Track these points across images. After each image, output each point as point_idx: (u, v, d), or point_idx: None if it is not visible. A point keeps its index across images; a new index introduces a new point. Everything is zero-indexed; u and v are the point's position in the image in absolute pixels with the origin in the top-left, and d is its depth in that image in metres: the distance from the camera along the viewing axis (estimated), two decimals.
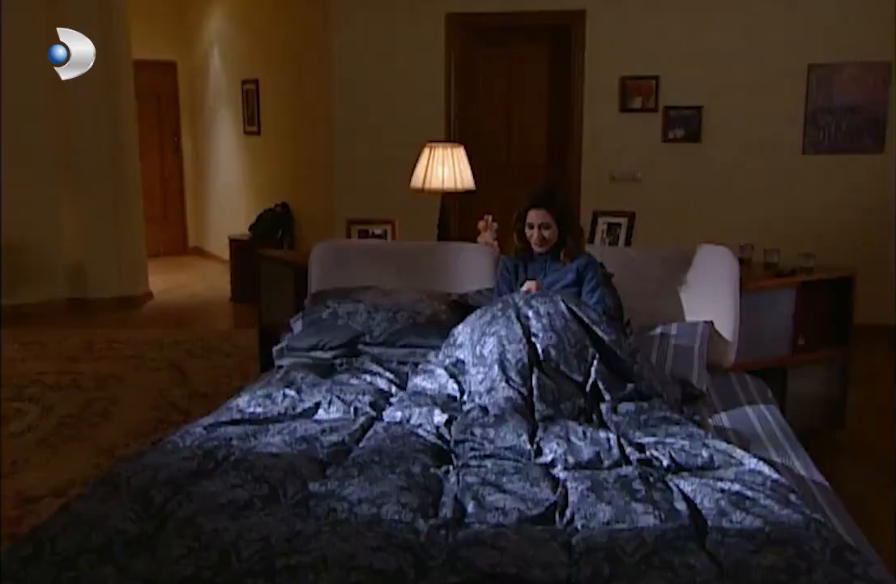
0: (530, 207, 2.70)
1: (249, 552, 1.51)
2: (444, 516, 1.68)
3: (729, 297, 2.91)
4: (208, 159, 8.02)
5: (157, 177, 8.35)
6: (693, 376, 2.63)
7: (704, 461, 1.91)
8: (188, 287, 6.92)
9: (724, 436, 2.27)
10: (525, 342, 2.30)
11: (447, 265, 3.09)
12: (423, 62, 5.20)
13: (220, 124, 7.54)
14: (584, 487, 1.75)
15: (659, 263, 3.02)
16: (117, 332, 5.22)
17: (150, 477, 1.83)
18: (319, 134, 5.69)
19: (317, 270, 3.14)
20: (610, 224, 3.32)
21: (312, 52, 5.66)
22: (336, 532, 1.57)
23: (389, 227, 3.43)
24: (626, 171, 5.18)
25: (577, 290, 2.76)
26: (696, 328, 2.84)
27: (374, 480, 1.79)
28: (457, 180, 3.36)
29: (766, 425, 2.40)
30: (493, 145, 5.48)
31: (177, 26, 7.98)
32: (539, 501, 1.72)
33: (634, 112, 5.09)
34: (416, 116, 5.24)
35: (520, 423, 2.02)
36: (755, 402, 2.61)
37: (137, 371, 4.39)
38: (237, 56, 7.07)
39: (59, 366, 4.45)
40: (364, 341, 2.71)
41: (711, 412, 2.49)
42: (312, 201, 6.07)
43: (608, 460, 1.91)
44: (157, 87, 8.10)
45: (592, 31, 5.00)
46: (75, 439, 3.41)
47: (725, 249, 2.94)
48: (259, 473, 1.82)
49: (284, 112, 6.34)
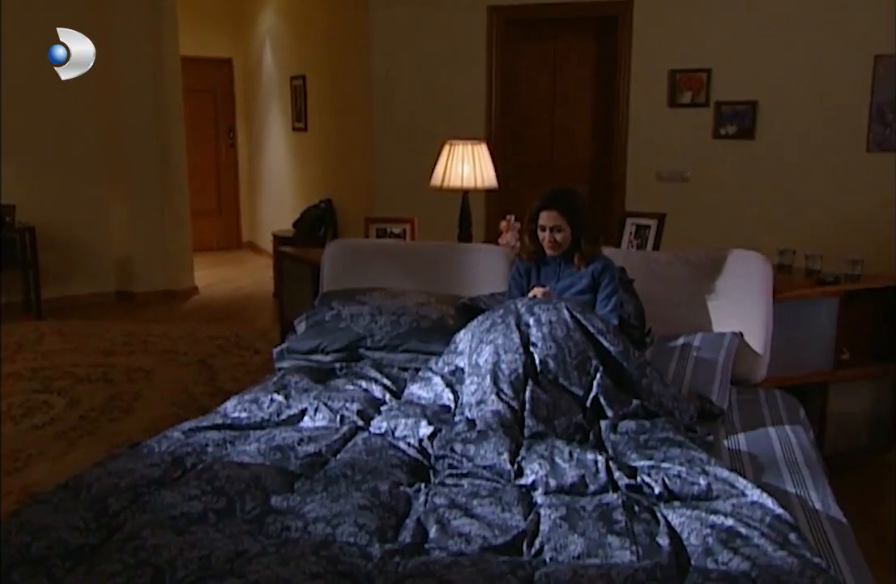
0: (542, 209, 2.56)
1: (185, 571, 1.43)
2: (403, 540, 1.57)
3: (760, 306, 2.69)
4: (261, 155, 8.08)
5: (213, 172, 8.47)
6: (713, 391, 2.44)
7: (701, 490, 1.74)
8: (234, 282, 6.98)
9: (738, 460, 2.08)
10: (522, 352, 2.16)
11: (461, 267, 2.97)
12: (463, 57, 5.07)
13: (272, 120, 7.59)
14: (557, 515, 1.61)
15: (686, 268, 2.82)
16: (155, 326, 5.28)
17: (112, 484, 1.77)
18: (360, 131, 5.62)
19: (329, 270, 3.06)
20: (638, 226, 3.13)
21: (354, 47, 5.60)
22: (279, 554, 1.47)
23: (408, 226, 3.33)
24: (674, 169, 4.94)
25: (591, 296, 2.60)
26: (722, 340, 2.64)
27: (336, 497, 1.69)
28: (477, 178, 3.22)
29: (788, 448, 2.19)
30: (535, 142, 5.31)
31: (233, 24, 8.06)
32: (507, 528, 1.59)
33: (684, 107, 4.83)
34: (456, 112, 5.11)
35: (502, 440, 1.88)
36: (781, 422, 2.39)
37: (167, 366, 4.41)
38: (286, 52, 7.08)
39: (94, 359, 4.51)
40: (365, 345, 2.62)
41: (729, 432, 2.29)
42: (354, 198, 6.02)
43: (594, 485, 1.75)
44: (213, 83, 8.22)
45: (640, 22, 4.77)
46: (93, 434, 3.43)
47: (758, 255, 2.73)
48: (220, 484, 1.74)
49: (328, 108, 6.31)
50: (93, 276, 5.94)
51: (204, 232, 8.29)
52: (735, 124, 4.79)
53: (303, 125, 6.79)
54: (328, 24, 6.16)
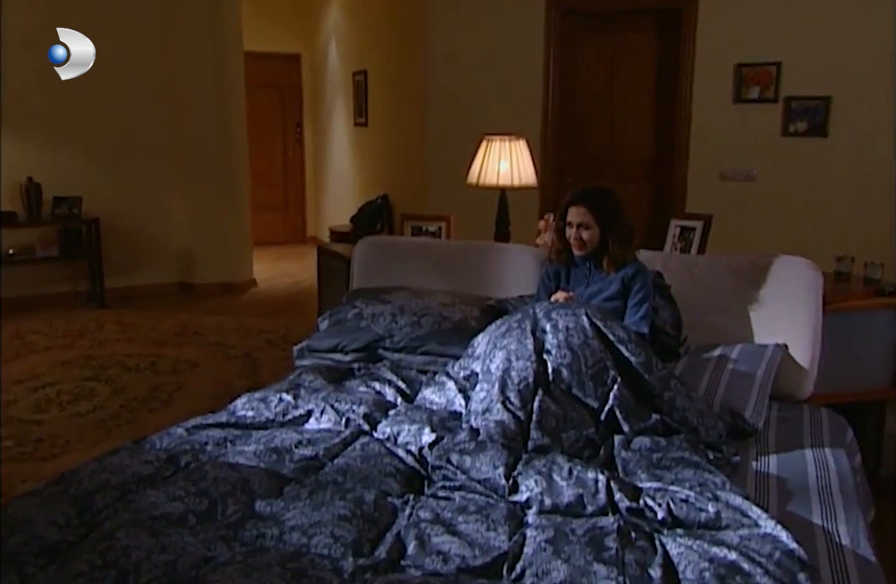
0: (570, 204, 2.45)
1: (149, 576, 1.40)
2: (379, 555, 1.50)
3: (808, 316, 2.50)
4: (325, 150, 8.14)
5: (279, 167, 8.60)
6: (748, 407, 2.26)
7: (708, 518, 1.60)
8: (293, 276, 7.05)
9: (763, 485, 1.92)
10: (534, 359, 2.05)
11: (492, 267, 2.87)
12: (520, 51, 4.94)
13: (336, 116, 7.63)
14: (543, 537, 1.51)
15: (728, 274, 2.65)
16: (209, 318, 5.37)
17: (103, 480, 1.76)
18: (416, 126, 5.57)
19: (359, 267, 3.01)
20: (683, 228, 2.96)
21: (412, 42, 5.54)
22: (246, 564, 1.42)
23: (444, 224, 3.24)
24: (739, 168, 4.69)
25: (621, 303, 2.47)
26: (764, 352, 2.46)
27: (318, 505, 1.64)
28: (514, 176, 3.11)
29: (824, 474, 2.01)
30: (594, 138, 5.15)
31: (301, 20, 8.13)
32: (489, 548, 1.50)
33: (750, 103, 4.59)
34: (512, 108, 4.99)
35: (500, 453, 1.78)
36: (821, 444, 2.20)
37: (213, 358, 4.47)
38: (349, 47, 7.09)
39: (145, 349, 4.61)
40: (384, 345, 2.55)
41: (761, 453, 2.12)
42: (409, 195, 5.97)
43: (592, 506, 1.64)
44: (281, 78, 8.33)
45: (705, 13, 4.55)
46: (130, 423, 3.49)
47: (806, 262, 2.53)
48: (206, 486, 1.70)
49: (388, 104, 6.28)
50: (155, 267, 6.10)
51: (270, 226, 8.42)
52: (806, 121, 4.51)
53: (364, 121, 6.79)
54: (389, 18, 6.13)
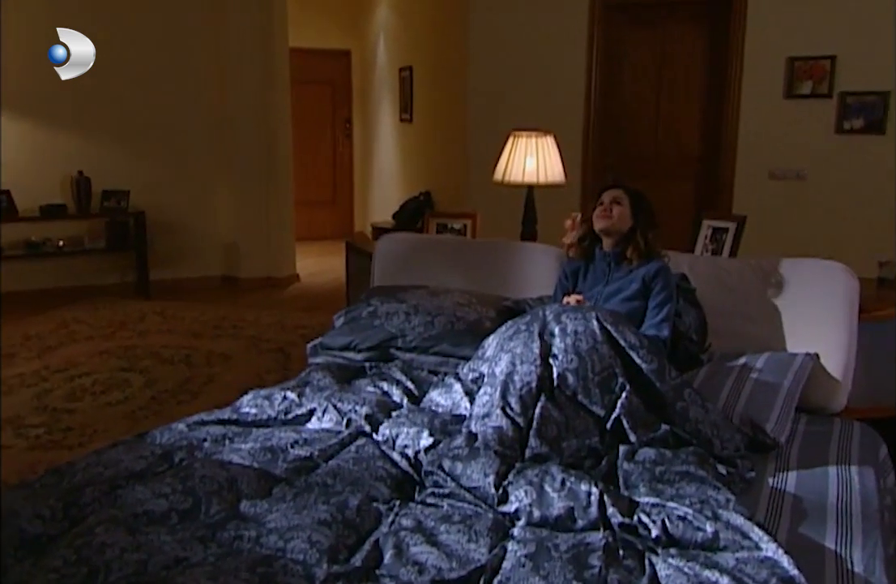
0: (605, 188, 2.45)
1: (118, 575, 1.39)
2: (354, 562, 1.46)
3: (841, 324, 2.36)
4: (372, 146, 8.16)
5: (329, 162, 8.65)
6: (770, 420, 2.14)
7: (705, 538, 1.51)
8: (336, 272, 7.04)
9: (776, 503, 1.81)
10: (539, 364, 1.98)
11: (513, 266, 2.80)
12: (563, 45, 4.83)
13: (383, 112, 7.63)
14: (524, 552, 1.44)
15: (758, 278, 2.52)
16: (249, 311, 5.42)
17: (95, 474, 1.77)
18: (457, 122, 5.51)
19: (379, 265, 2.98)
20: (715, 229, 2.83)
21: (454, 37, 5.49)
22: (215, 567, 1.40)
23: (470, 221, 3.18)
24: (789, 167, 4.50)
25: (641, 303, 2.37)
26: (792, 362, 2.33)
27: (300, 508, 1.60)
28: (541, 173, 3.02)
29: (846, 494, 1.88)
30: (639, 135, 5.00)
31: (351, 16, 8.15)
32: (468, 561, 1.44)
33: (803, 98, 4.38)
34: (554, 105, 4.89)
35: (492, 461, 1.72)
36: (848, 461, 2.07)
37: (247, 352, 4.50)
38: (396, 43, 7.08)
39: (182, 341, 4.68)
40: (396, 345, 2.51)
41: (780, 469, 2.00)
42: (451, 191, 5.92)
43: (582, 521, 1.56)
44: (332, 75, 8.37)
45: (756, 5, 4.36)
46: (157, 415, 3.53)
47: (842, 267, 2.39)
48: (192, 484, 1.69)
49: (430, 100, 6.25)
50: (200, 260, 6.19)
51: (318, 221, 8.49)
52: (862, 118, 4.29)
53: (408, 116, 6.77)
54: (433, 14, 6.09)
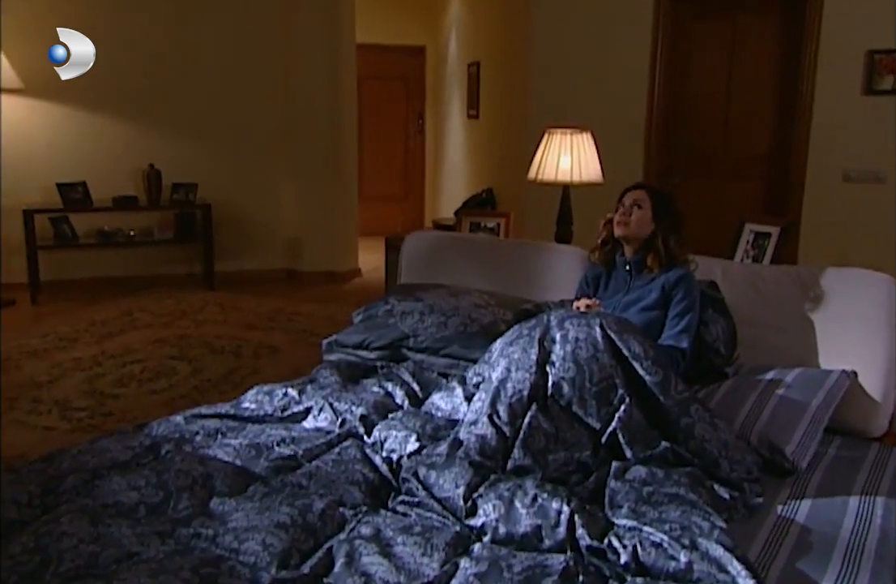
0: (627, 190, 2.32)
1: (68, 566, 1.41)
2: (303, 569, 1.42)
3: (883, 341, 2.17)
4: (443, 141, 8.13)
5: (401, 157, 8.69)
6: (792, 442, 1.97)
7: (678, 568, 1.40)
8: None
9: (779, 534, 1.67)
10: (534, 371, 1.89)
11: (539, 268, 2.71)
12: (627, 38, 4.65)
13: (452, 107, 7.59)
14: (475, 570, 1.37)
15: (796, 288, 2.34)
16: (305, 305, 5.49)
17: (82, 462, 1.81)
18: (519, 119, 5.41)
19: (406, 263, 2.95)
20: (757, 234, 2.65)
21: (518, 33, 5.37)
22: (161, 564, 1.40)
23: (503, 220, 3.10)
24: (866, 169, 4.19)
25: (660, 313, 2.24)
26: (826, 379, 2.15)
27: (264, 508, 1.58)
28: (576, 172, 2.91)
29: (862, 529, 1.71)
30: (706, 133, 4.77)
31: (427, 12, 8.14)
32: (417, 575, 1.39)
33: (883, 94, 4.07)
34: (617, 99, 4.72)
35: (465, 471, 1.65)
36: (874, 492, 1.88)
37: (295, 345, 4.55)
38: (465, 39, 7.02)
39: (235, 332, 4.78)
40: (407, 345, 2.47)
41: (794, 496, 1.84)
42: (511, 188, 5.82)
43: (549, 540, 1.48)
44: (406, 70, 8.39)
45: None
46: (196, 404, 3.58)
47: (888, 278, 2.19)
48: (167, 478, 1.70)
49: (495, 96, 6.16)
50: (264, 253, 6.31)
51: (389, 216, 8.54)
52: None
53: (475, 113, 6.70)
54: (501, 9, 5.99)
